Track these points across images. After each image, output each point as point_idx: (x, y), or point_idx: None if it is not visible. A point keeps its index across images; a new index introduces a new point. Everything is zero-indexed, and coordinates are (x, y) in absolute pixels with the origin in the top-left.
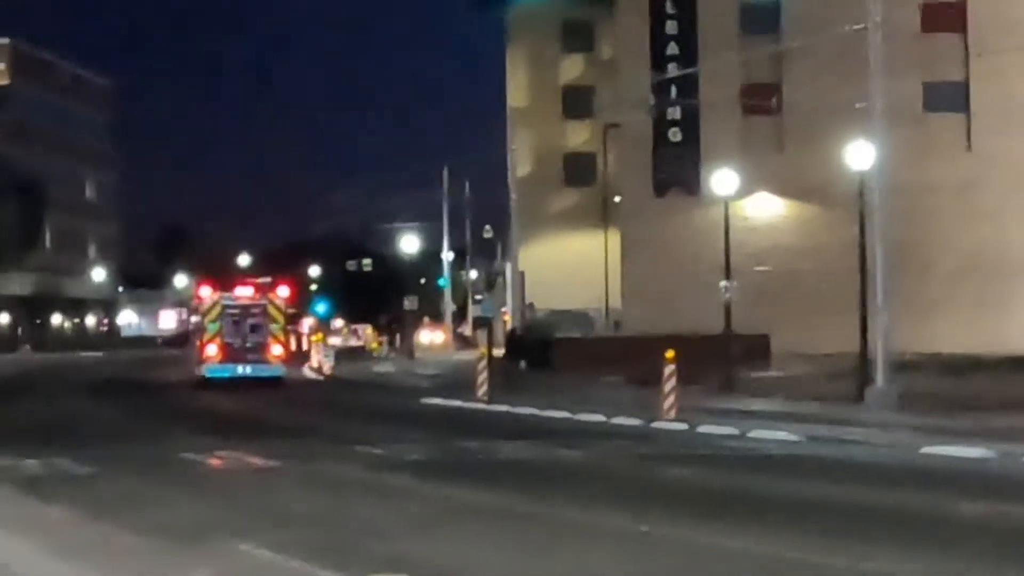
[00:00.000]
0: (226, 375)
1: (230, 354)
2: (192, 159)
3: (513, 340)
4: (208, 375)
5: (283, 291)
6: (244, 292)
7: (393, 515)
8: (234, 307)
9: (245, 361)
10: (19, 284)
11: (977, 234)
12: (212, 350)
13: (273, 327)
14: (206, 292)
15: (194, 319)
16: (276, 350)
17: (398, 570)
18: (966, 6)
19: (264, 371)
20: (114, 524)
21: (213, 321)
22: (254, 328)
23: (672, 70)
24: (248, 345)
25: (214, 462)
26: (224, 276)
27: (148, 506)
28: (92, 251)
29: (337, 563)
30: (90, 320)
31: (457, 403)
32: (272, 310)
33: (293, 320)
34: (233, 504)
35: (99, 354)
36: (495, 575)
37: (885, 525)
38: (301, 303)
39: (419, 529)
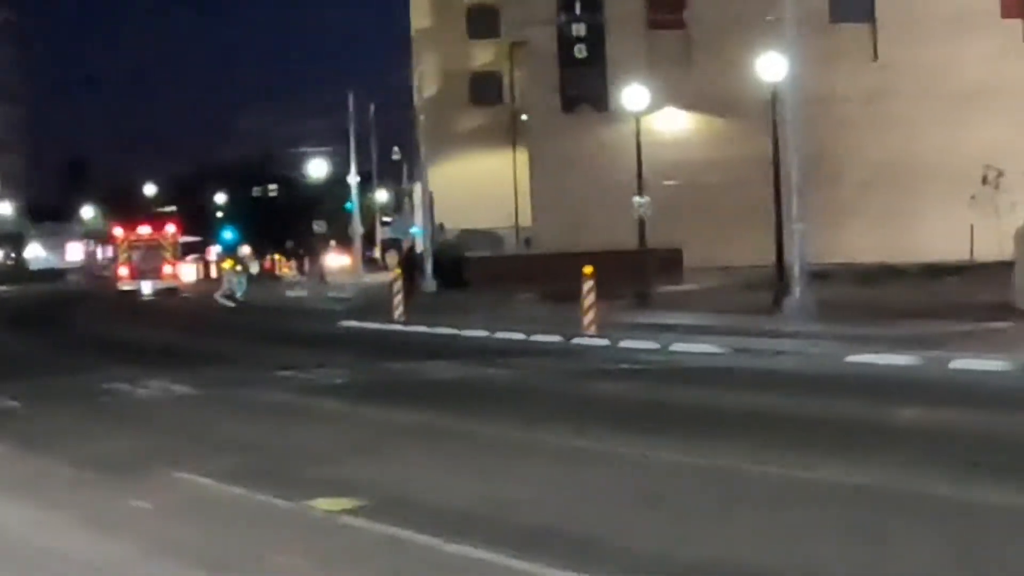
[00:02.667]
0: (135, 288)
1: (136, 274)
2: (98, 90)
3: (410, 259)
4: (121, 288)
5: (170, 228)
6: (143, 231)
7: (328, 439)
8: (137, 242)
9: (146, 278)
10: None
11: (886, 143)
12: (124, 271)
13: (165, 254)
14: (119, 231)
15: (110, 252)
16: (167, 270)
17: (341, 494)
18: None
19: (160, 285)
20: (49, 457)
21: (124, 252)
22: (151, 256)
23: None
24: (147, 268)
25: (141, 392)
26: (131, 212)
27: (81, 438)
28: None
29: (278, 489)
30: None
31: (374, 325)
32: (163, 242)
33: (194, 248)
34: (166, 433)
35: (7, 288)
36: (439, 496)
37: (821, 434)
38: (208, 231)
39: (356, 452)
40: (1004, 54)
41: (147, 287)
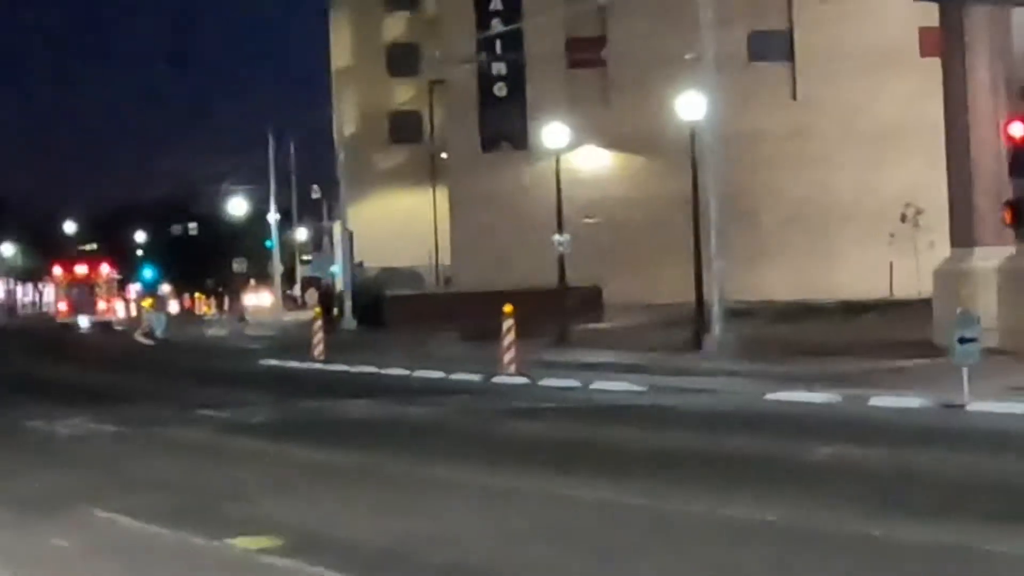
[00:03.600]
0: (73, 322)
1: (74, 309)
2: (16, 128)
3: (325, 297)
4: (60, 322)
5: (104, 267)
6: (80, 270)
7: (247, 477)
8: (75, 280)
9: (83, 313)
10: None
11: (806, 182)
12: (63, 307)
13: (98, 291)
14: (58, 271)
15: (53, 288)
16: (101, 305)
17: (260, 532)
18: None
19: (96, 319)
20: None
21: (63, 289)
22: (87, 292)
23: (497, 25)
24: (85, 304)
25: (61, 429)
26: (51, 250)
27: (1, 477)
28: None
29: (199, 527)
30: None
31: (294, 363)
32: (98, 280)
33: (121, 286)
34: (87, 471)
35: None
36: (358, 534)
37: (741, 471)
38: (128, 270)
39: (276, 491)
40: (923, 93)
41: (84, 321)
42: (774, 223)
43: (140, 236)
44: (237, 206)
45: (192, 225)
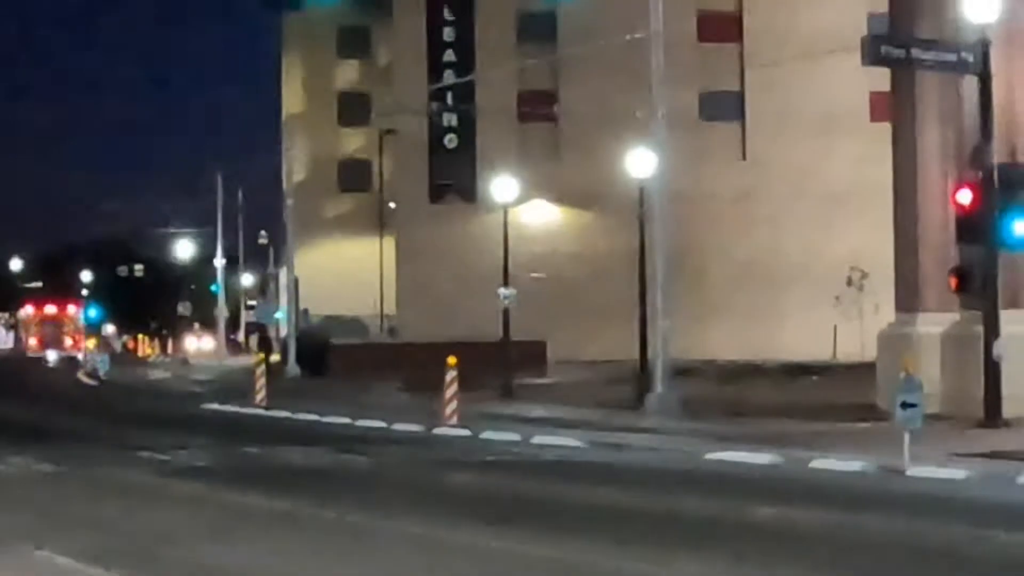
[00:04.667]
0: (42, 356)
1: (43, 344)
2: None
3: (264, 342)
4: (29, 355)
5: (71, 308)
6: (50, 309)
7: (185, 521)
8: (44, 318)
9: (51, 348)
10: None
11: (752, 242)
12: (33, 342)
13: (66, 328)
14: (29, 309)
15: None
16: (68, 342)
17: None
18: (742, 17)
19: (63, 354)
20: None
21: (34, 325)
22: (55, 329)
23: (449, 77)
24: (53, 339)
25: (2, 468)
26: (6, 288)
27: None
28: None
29: (134, 570)
30: None
31: (236, 409)
32: (65, 319)
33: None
34: (25, 511)
35: None
36: None
37: (678, 531)
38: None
39: (212, 535)
40: (871, 156)
41: (52, 356)
42: (721, 282)
43: (86, 275)
44: (183, 249)
45: (138, 266)
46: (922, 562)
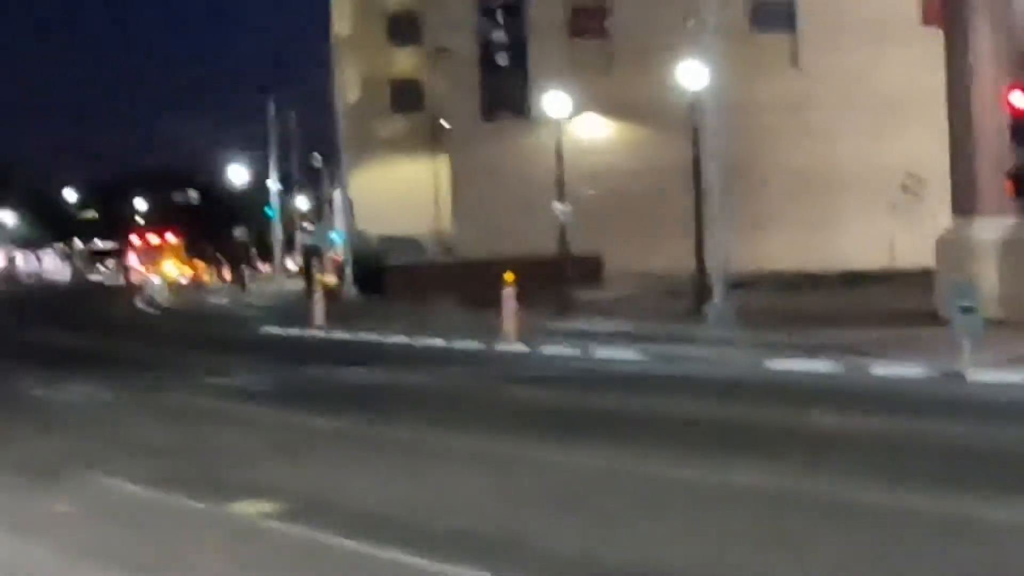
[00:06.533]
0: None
1: (147, 272)
2: (12, 94)
3: (307, 264)
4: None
5: (170, 236)
6: (153, 239)
7: (250, 443)
8: (149, 247)
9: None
10: None
11: (808, 151)
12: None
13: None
14: (136, 240)
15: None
16: (174, 269)
17: (262, 497)
18: None
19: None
20: None
21: (141, 255)
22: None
23: None
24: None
25: (66, 397)
26: (52, 219)
27: (6, 443)
28: None
29: (201, 492)
30: None
31: (296, 332)
32: (166, 247)
33: (113, 254)
34: (90, 438)
35: None
36: (360, 499)
37: (741, 439)
38: (128, 235)
39: (279, 456)
40: (925, 62)
41: (156, 281)
42: (776, 192)
43: (140, 204)
44: (237, 174)
45: (193, 193)
46: (984, 465)
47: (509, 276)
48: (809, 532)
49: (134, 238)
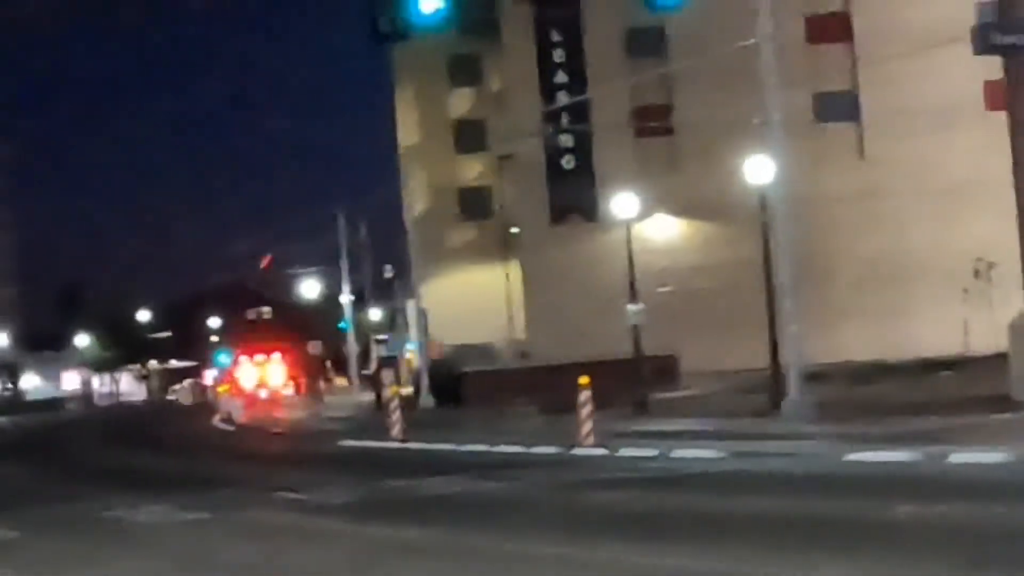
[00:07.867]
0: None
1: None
2: (86, 217)
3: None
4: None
5: (276, 354)
6: (259, 356)
7: (329, 558)
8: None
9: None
10: None
11: (876, 241)
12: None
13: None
14: (244, 359)
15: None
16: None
17: None
18: (850, 17)
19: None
20: None
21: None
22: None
23: (562, 98)
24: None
25: (141, 517)
26: (125, 340)
27: (82, 565)
28: None
29: None
30: None
31: (374, 443)
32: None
33: (189, 373)
34: (167, 557)
35: (6, 418)
36: None
37: (825, 534)
38: (203, 354)
39: (356, 570)
40: (991, 147)
41: (264, 393)
42: (847, 284)
43: (214, 322)
44: (309, 288)
45: (265, 309)
46: None
47: (584, 379)
48: None
49: (243, 358)
